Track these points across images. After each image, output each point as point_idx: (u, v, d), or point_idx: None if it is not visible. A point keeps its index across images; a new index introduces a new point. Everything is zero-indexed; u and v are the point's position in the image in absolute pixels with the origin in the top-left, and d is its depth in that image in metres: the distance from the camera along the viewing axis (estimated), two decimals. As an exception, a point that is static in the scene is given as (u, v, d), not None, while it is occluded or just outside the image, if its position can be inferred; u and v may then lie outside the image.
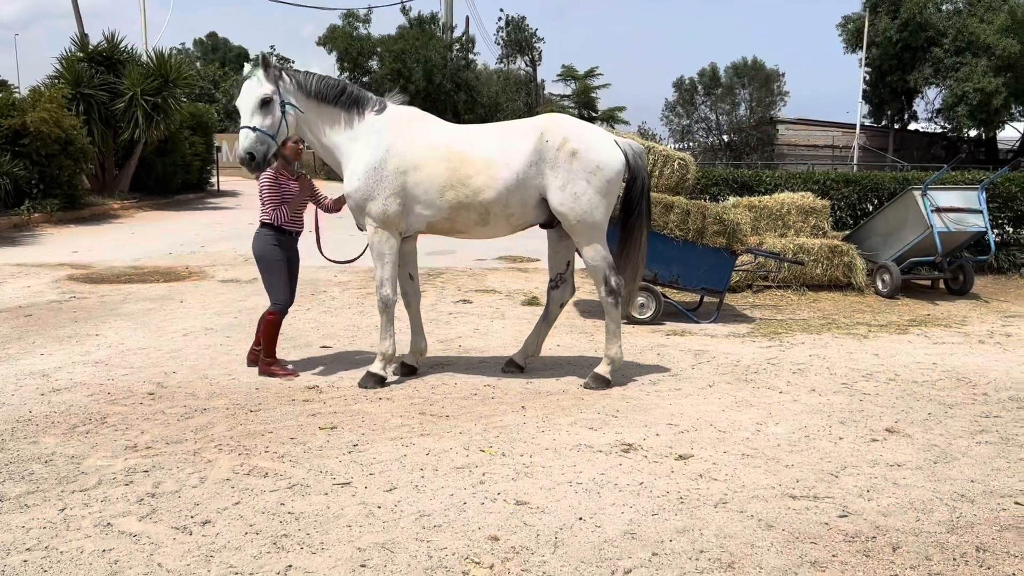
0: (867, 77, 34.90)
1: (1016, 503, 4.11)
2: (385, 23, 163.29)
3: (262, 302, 8.85)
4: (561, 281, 6.35)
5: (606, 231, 5.93)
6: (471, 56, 33.17)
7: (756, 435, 5.03)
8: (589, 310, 8.93)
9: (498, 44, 38.60)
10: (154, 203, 20.36)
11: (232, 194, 24.94)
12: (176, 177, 22.36)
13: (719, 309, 8.61)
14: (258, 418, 5.17)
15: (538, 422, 5.20)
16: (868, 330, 8.14)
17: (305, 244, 6.64)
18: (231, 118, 36.47)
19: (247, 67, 5.86)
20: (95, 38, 21.25)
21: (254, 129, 5.66)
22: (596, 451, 4.71)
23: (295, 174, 6.33)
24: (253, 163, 5.69)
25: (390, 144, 5.80)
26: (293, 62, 52.45)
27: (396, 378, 6.13)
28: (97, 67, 19.82)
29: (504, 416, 5.30)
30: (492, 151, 5.78)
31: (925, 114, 37.28)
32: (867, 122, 37.69)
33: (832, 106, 73.17)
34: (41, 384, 5.84)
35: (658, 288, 8.42)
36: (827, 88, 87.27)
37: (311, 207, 6.51)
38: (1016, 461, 4.68)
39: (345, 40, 32.38)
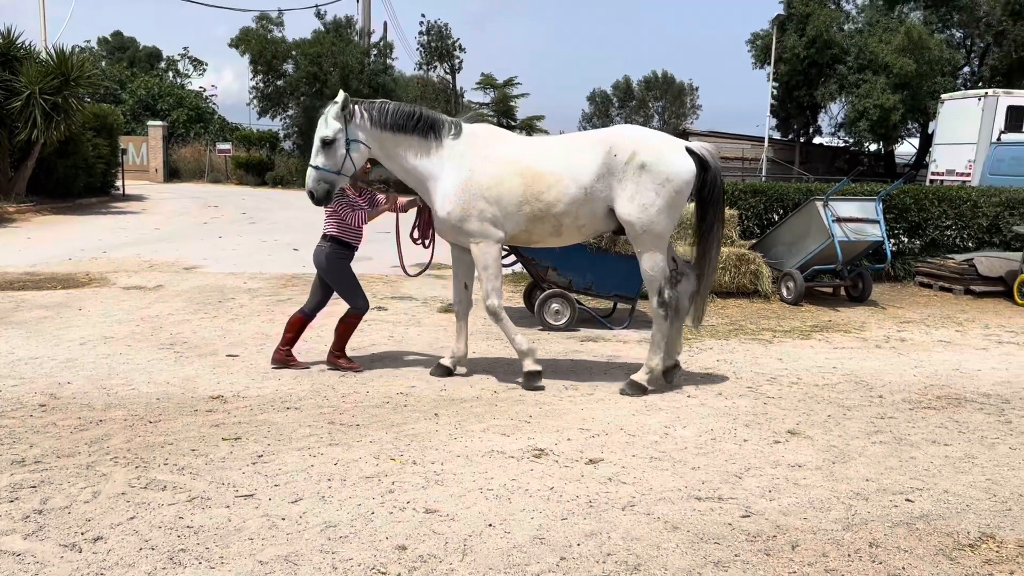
0: (775, 92, 36.10)
1: (907, 500, 4.29)
2: (299, 26, 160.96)
3: (166, 310, 8.58)
4: (679, 275, 6.37)
5: (666, 242, 6.02)
6: (389, 61, 32.93)
7: (664, 438, 5.12)
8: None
9: (418, 50, 38.43)
10: (53, 207, 19.48)
11: (139, 198, 24.06)
12: (78, 180, 21.43)
13: (632, 315, 8.75)
14: (158, 429, 4.98)
15: (451, 429, 5.16)
16: (773, 335, 8.39)
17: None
18: (138, 119, 35.24)
19: (340, 96, 5.97)
20: (-10, 33, 20.19)
21: (316, 168, 5.95)
22: (508, 457, 4.70)
23: (360, 189, 6.43)
24: (314, 200, 6.01)
25: (472, 163, 5.98)
26: (206, 64, 51.14)
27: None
28: (-9, 63, 18.85)
29: (416, 424, 5.25)
30: (561, 166, 5.91)
31: (829, 128, 38.84)
32: (775, 135, 39.03)
33: (742, 120, 75.75)
34: (-80, 397, 5.48)
35: (573, 295, 8.50)
36: (738, 102, 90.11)
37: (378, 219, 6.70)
38: (908, 460, 4.89)
39: (259, 43, 31.63)
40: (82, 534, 3.62)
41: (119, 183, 25.20)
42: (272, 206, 22.19)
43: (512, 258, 8.74)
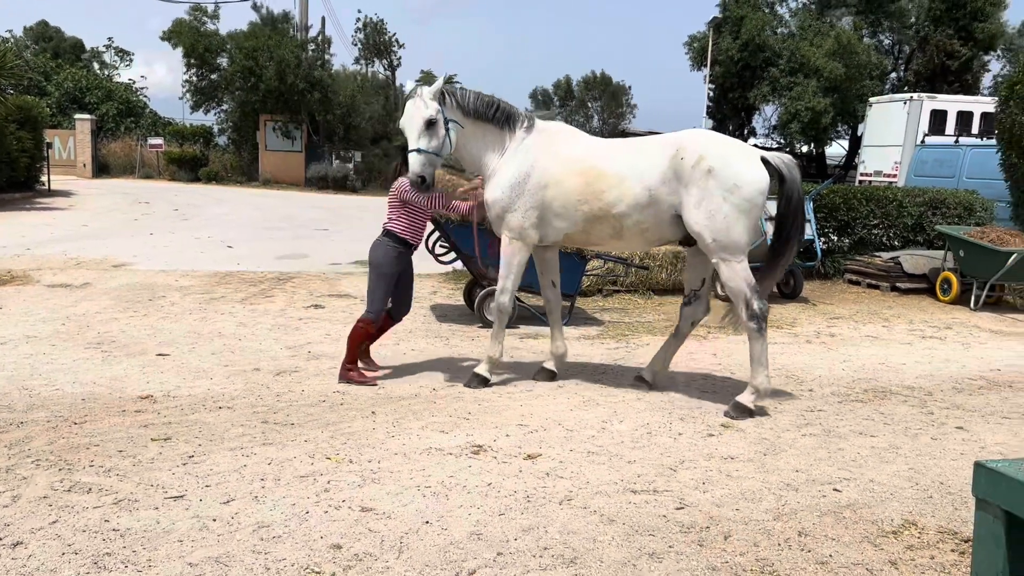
0: (711, 94, 36.75)
1: (835, 489, 4.42)
2: (234, 19, 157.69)
3: (93, 308, 8.31)
4: (695, 298, 6.23)
5: (744, 252, 5.64)
6: (327, 56, 32.41)
7: (601, 433, 5.16)
8: (445, 314, 8.91)
9: (355, 45, 37.86)
10: (-27, 202, 18.69)
11: (65, 194, 23.23)
12: (0, 175, 20.61)
13: (571, 312, 8.80)
14: (83, 431, 4.81)
15: (388, 427, 5.12)
16: (708, 331, 8.54)
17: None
18: (64, 112, 34.04)
19: (409, 84, 5.89)
20: (-97, 20, 19.29)
21: (420, 151, 5.69)
22: (446, 454, 4.68)
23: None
24: (424, 185, 5.71)
25: (535, 159, 5.89)
26: (132, 55, 49.67)
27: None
28: (-95, 52, 18.00)
29: (353, 422, 5.19)
30: (626, 167, 5.76)
31: (763, 130, 39.71)
32: (712, 136, 39.64)
33: (680, 121, 76.72)
34: None
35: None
36: (676, 104, 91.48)
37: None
38: (836, 451, 5.03)
39: (192, 36, 30.85)
40: (0, 540, 3.48)
41: (44, 178, 24.29)
42: (205, 202, 21.66)
43: (453, 255, 8.72)
